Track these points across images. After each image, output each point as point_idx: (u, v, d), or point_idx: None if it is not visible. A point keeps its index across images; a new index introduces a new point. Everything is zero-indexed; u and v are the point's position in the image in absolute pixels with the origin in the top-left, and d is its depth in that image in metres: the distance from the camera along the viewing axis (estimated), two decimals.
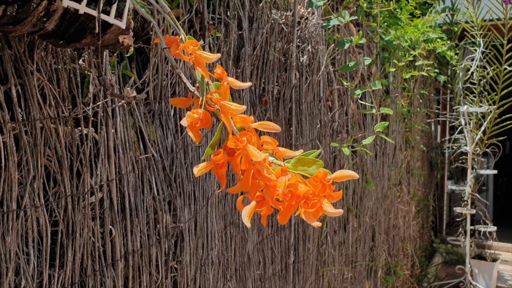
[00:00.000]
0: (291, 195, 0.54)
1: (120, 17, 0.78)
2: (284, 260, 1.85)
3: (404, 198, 3.52)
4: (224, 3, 1.44)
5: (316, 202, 0.53)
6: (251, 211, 0.55)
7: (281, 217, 0.55)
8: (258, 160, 0.55)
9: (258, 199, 0.56)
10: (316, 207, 0.53)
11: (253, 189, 0.57)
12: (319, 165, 0.56)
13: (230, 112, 0.60)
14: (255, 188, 0.57)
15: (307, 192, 0.54)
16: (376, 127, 1.63)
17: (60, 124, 0.93)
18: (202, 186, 1.36)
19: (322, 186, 0.54)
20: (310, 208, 0.53)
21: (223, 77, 0.62)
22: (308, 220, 0.53)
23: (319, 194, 0.53)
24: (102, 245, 1.04)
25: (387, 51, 2.78)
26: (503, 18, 3.51)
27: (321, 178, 0.54)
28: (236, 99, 1.47)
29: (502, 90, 3.72)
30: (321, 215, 0.54)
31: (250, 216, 0.55)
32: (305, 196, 0.53)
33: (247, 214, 0.54)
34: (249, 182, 0.56)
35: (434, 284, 4.04)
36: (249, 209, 0.55)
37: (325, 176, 0.54)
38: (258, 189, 0.57)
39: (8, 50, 0.84)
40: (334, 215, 0.53)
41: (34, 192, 0.89)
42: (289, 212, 0.54)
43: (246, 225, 0.54)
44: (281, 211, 0.55)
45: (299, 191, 0.54)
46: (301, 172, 0.56)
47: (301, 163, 0.57)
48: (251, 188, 0.57)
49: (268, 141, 0.60)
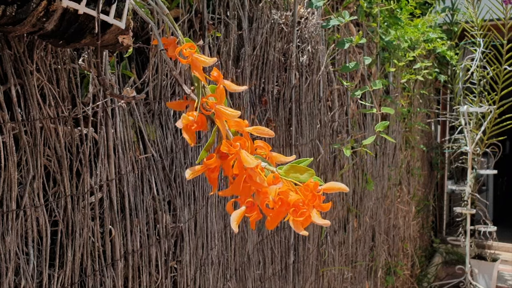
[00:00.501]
0: (281, 203, 0.54)
1: (119, 17, 0.78)
2: (284, 260, 1.85)
3: (404, 198, 3.52)
4: (224, 3, 1.44)
5: (305, 212, 0.53)
6: (240, 216, 0.55)
7: (269, 223, 0.55)
8: (250, 167, 0.55)
9: (248, 204, 0.56)
10: (304, 216, 0.53)
11: (244, 193, 0.57)
12: (310, 174, 0.56)
13: (224, 117, 0.60)
14: (246, 192, 0.57)
15: (297, 201, 0.54)
16: (377, 126, 1.63)
17: (59, 124, 0.93)
18: (202, 186, 1.36)
19: (312, 196, 0.54)
20: (299, 216, 0.53)
21: (219, 80, 0.62)
22: (295, 228, 0.53)
23: (309, 204, 0.54)
24: (102, 245, 1.04)
25: (387, 51, 2.78)
26: (503, 18, 3.51)
27: (312, 188, 0.54)
28: (236, 99, 1.47)
29: (502, 90, 3.72)
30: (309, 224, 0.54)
31: (238, 221, 0.55)
32: (294, 204, 0.54)
33: (235, 219, 0.55)
34: (241, 186, 0.57)
35: (434, 284, 4.04)
36: (238, 214, 0.55)
37: (316, 186, 0.54)
38: (249, 193, 0.57)
39: (8, 50, 0.84)
40: (322, 225, 0.54)
41: (33, 192, 0.89)
42: (278, 218, 0.55)
43: (234, 230, 0.55)
44: (270, 218, 0.55)
45: (290, 199, 0.54)
46: (293, 179, 0.57)
47: (294, 170, 0.57)
48: (242, 192, 0.57)
49: (261, 146, 0.60)
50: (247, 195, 0.57)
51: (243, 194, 0.57)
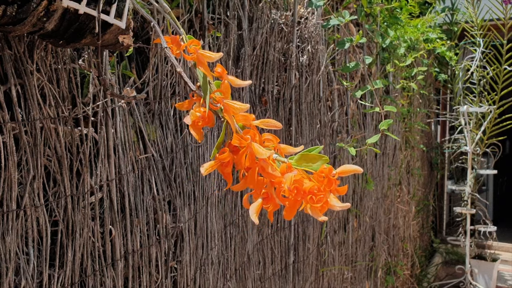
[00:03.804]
0: (297, 191, 0.54)
1: (120, 17, 0.78)
2: (284, 260, 1.85)
3: (404, 198, 3.52)
4: (224, 3, 1.44)
5: (322, 197, 0.53)
6: (258, 207, 0.55)
7: (287, 213, 0.55)
8: (262, 157, 0.56)
9: (264, 195, 0.56)
10: (322, 202, 0.53)
11: (257, 186, 0.57)
12: (324, 161, 0.56)
13: (233, 111, 0.60)
14: (260, 185, 0.57)
15: (312, 188, 0.54)
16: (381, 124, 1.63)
17: (60, 124, 0.93)
18: (202, 186, 1.36)
19: (328, 181, 0.54)
20: (316, 203, 0.53)
21: (224, 76, 0.62)
22: (314, 215, 0.53)
23: (325, 189, 0.54)
24: (102, 245, 1.04)
25: (387, 51, 2.78)
26: (503, 18, 3.51)
27: (327, 173, 0.54)
28: (236, 99, 1.47)
29: (502, 90, 3.72)
30: (327, 210, 0.54)
31: (257, 213, 0.55)
32: (310, 191, 0.54)
33: (254, 211, 0.55)
34: (255, 179, 0.57)
35: (434, 284, 4.04)
36: (256, 206, 0.55)
37: (330, 171, 0.54)
38: (262, 186, 0.57)
39: (8, 50, 0.84)
40: (341, 209, 0.54)
41: (34, 192, 0.89)
42: (295, 207, 0.55)
43: (254, 222, 0.55)
44: (287, 207, 0.55)
45: (305, 187, 0.54)
46: (305, 168, 0.57)
47: (305, 159, 0.57)
48: (256, 185, 0.57)
49: (269, 138, 0.60)
50: (261, 187, 0.57)
51: (256, 187, 0.57)
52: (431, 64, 4.04)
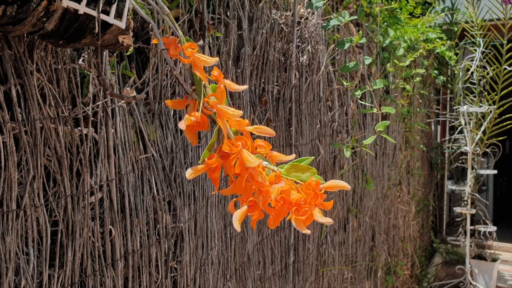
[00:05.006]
0: (283, 202, 0.54)
1: (119, 17, 0.78)
2: (284, 260, 1.85)
3: (404, 198, 3.52)
4: (224, 3, 1.44)
5: (307, 210, 0.53)
6: (242, 215, 0.55)
7: (271, 222, 0.56)
8: (252, 166, 0.55)
9: (250, 203, 0.56)
10: (306, 214, 0.53)
11: (245, 192, 0.57)
12: (312, 173, 0.56)
13: (226, 116, 0.60)
14: (248, 191, 0.57)
15: (299, 200, 0.54)
16: (377, 126, 1.63)
17: (60, 124, 0.93)
18: (202, 186, 1.36)
19: (314, 194, 0.54)
20: (301, 215, 0.53)
21: (220, 80, 0.62)
22: (298, 227, 0.54)
23: (311, 203, 0.54)
24: (102, 245, 1.04)
25: (387, 51, 2.78)
26: (503, 18, 3.51)
27: (314, 187, 0.54)
28: (236, 99, 1.47)
29: (502, 90, 3.72)
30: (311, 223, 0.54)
31: (240, 221, 0.55)
32: (297, 203, 0.54)
33: (237, 218, 0.55)
34: (243, 185, 0.57)
35: (434, 284, 4.04)
36: (240, 213, 0.55)
37: (317, 185, 0.55)
38: (251, 192, 0.57)
39: (8, 50, 0.84)
40: (324, 223, 0.54)
41: (33, 192, 0.89)
42: (280, 217, 0.55)
43: (236, 229, 0.55)
44: (272, 217, 0.55)
45: (291, 198, 0.54)
46: (294, 178, 0.57)
47: (295, 169, 0.57)
48: (243, 191, 0.57)
49: (262, 145, 0.60)
50: (249, 194, 0.57)
51: (244, 193, 0.57)
52: (431, 65, 4.04)
